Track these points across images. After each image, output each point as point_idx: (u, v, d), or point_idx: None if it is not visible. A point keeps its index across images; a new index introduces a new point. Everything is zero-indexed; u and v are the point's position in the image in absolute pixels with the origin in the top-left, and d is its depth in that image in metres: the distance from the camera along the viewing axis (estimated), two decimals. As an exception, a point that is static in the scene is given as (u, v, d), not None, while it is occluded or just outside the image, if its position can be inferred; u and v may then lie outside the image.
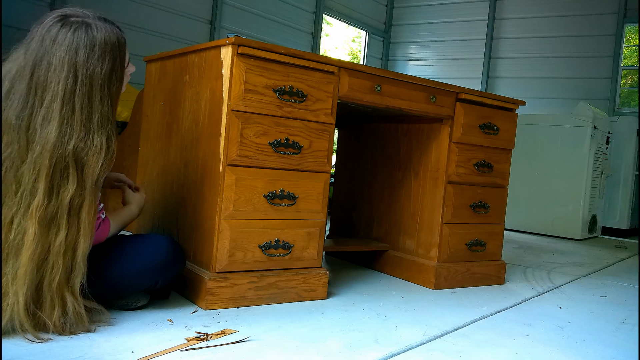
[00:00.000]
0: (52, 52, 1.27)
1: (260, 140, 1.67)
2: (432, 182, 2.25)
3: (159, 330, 1.40)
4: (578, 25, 6.00)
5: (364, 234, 2.58)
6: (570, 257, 3.46)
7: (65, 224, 1.27)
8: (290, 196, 1.75)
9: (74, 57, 1.28)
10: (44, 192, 1.24)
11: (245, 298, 1.69)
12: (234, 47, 1.61)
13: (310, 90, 1.76)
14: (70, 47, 1.28)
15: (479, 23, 6.67)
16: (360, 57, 7.50)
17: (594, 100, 5.71)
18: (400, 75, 2.01)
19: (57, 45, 1.27)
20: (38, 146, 1.25)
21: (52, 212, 1.26)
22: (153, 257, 1.50)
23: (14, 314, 1.24)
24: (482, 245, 2.34)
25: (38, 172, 1.24)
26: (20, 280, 1.23)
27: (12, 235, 1.24)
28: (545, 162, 4.65)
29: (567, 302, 2.16)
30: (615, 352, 1.57)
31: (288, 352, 1.33)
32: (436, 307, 1.91)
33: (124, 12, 4.47)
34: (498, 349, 1.52)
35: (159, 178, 2.01)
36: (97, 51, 1.31)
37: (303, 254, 1.81)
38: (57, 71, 1.27)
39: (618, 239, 4.91)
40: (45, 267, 1.26)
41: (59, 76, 1.27)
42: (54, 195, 1.26)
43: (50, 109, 1.26)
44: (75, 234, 1.29)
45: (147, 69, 2.14)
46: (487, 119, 2.28)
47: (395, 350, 1.41)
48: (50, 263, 1.26)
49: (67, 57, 1.27)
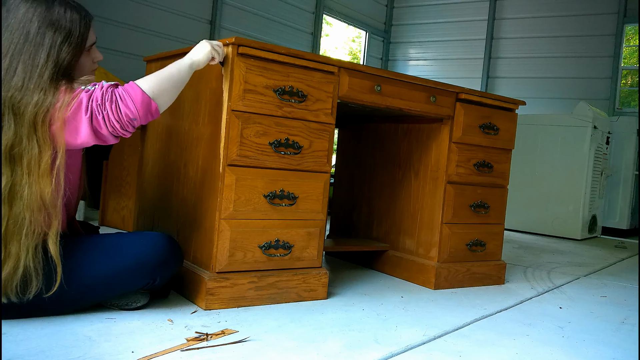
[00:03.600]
0: (12, 16, 1.35)
1: (260, 140, 1.67)
2: (432, 182, 2.25)
3: (159, 330, 1.40)
4: (578, 25, 6.00)
5: (364, 234, 2.58)
6: (570, 257, 3.46)
7: (7, 171, 1.29)
8: (290, 196, 1.75)
9: (29, 20, 1.35)
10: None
11: (245, 298, 1.69)
12: (234, 47, 1.61)
13: (310, 90, 1.76)
14: (28, 11, 1.35)
15: (479, 23, 6.67)
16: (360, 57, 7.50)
17: (594, 100, 5.71)
18: (400, 75, 2.01)
19: (18, 10, 1.35)
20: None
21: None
22: (150, 253, 1.50)
23: None
24: (482, 245, 2.34)
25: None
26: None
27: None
28: (545, 162, 4.65)
29: (567, 302, 2.16)
30: (615, 352, 1.57)
31: (288, 352, 1.33)
32: (436, 307, 1.91)
33: (124, 12, 4.47)
34: (498, 349, 1.52)
35: (159, 178, 2.01)
36: (53, 18, 1.37)
37: (303, 254, 1.81)
38: (12, 32, 1.34)
39: (618, 239, 4.91)
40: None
41: (12, 36, 1.34)
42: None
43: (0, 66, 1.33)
44: (19, 182, 1.29)
45: (147, 69, 2.14)
46: (487, 119, 2.28)
47: (395, 350, 1.41)
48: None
49: (24, 20, 1.35)
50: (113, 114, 1.34)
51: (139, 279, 1.49)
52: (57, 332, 1.32)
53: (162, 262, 1.52)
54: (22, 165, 1.30)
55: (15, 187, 1.29)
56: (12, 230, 1.29)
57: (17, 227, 1.29)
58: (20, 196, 1.29)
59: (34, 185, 1.30)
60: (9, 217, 1.28)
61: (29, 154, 1.30)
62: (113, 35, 4.35)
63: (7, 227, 1.28)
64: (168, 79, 1.45)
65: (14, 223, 1.29)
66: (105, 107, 1.33)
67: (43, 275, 1.33)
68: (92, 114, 1.33)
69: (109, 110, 1.33)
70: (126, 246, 1.49)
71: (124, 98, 1.35)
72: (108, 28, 4.32)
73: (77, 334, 1.32)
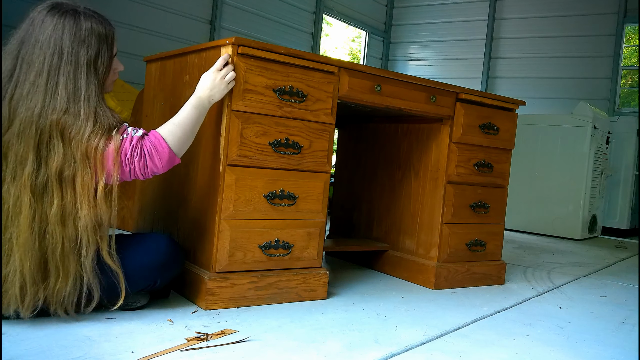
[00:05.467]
0: (40, 31, 1.34)
1: (260, 140, 1.67)
2: (432, 182, 2.25)
3: (159, 330, 1.40)
4: (578, 25, 5.99)
5: (364, 234, 2.58)
6: (570, 257, 3.46)
7: (58, 193, 1.31)
8: (290, 196, 1.75)
9: (60, 37, 1.34)
10: (32, 162, 1.30)
11: (245, 298, 1.69)
12: (234, 47, 1.61)
13: (310, 90, 1.76)
14: (57, 27, 1.34)
15: (479, 23, 6.67)
16: (360, 57, 7.50)
17: (594, 100, 5.71)
18: (400, 75, 2.01)
19: (45, 25, 1.34)
20: (23, 117, 1.30)
21: (42, 182, 1.31)
22: (152, 256, 1.50)
23: (16, 279, 1.29)
24: (482, 245, 2.34)
25: (26, 143, 1.30)
26: (22, 248, 1.28)
27: (11, 202, 1.29)
28: (545, 162, 4.65)
29: (567, 302, 2.16)
30: (615, 352, 1.57)
31: (288, 352, 1.33)
32: (436, 307, 1.91)
33: (124, 12, 4.47)
34: (498, 349, 1.52)
35: (159, 178, 2.01)
36: (83, 35, 1.37)
37: (303, 254, 1.81)
38: (43, 48, 1.33)
39: (618, 239, 4.91)
40: (47, 237, 1.31)
41: (45, 52, 1.33)
42: (42, 165, 1.31)
43: (36, 83, 1.32)
44: (72, 204, 1.33)
45: (147, 69, 2.14)
46: (487, 119, 2.28)
47: (395, 350, 1.41)
48: (50, 232, 1.31)
49: (54, 36, 1.34)
50: (140, 169, 1.41)
51: (140, 281, 1.50)
52: (57, 332, 1.32)
53: (164, 265, 1.52)
54: (75, 188, 1.33)
55: (67, 209, 1.32)
56: (68, 250, 1.33)
57: (75, 247, 1.33)
58: (73, 219, 1.33)
59: (89, 209, 1.33)
60: (64, 237, 1.32)
61: (82, 178, 1.33)
62: (113, 35, 4.34)
63: (63, 247, 1.32)
64: (191, 131, 1.51)
65: (70, 242, 1.33)
66: (133, 162, 1.39)
67: (101, 288, 1.38)
68: (121, 166, 1.38)
69: (136, 165, 1.40)
70: (127, 249, 1.49)
71: (152, 156, 1.41)
72: (108, 28, 4.31)
73: (77, 334, 1.32)
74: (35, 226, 1.30)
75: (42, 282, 1.32)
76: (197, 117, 1.52)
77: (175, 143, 1.45)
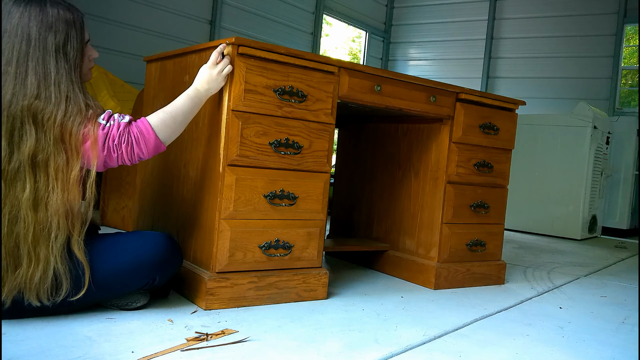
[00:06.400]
0: (7, 21, 1.35)
1: (260, 140, 1.67)
2: (432, 182, 2.25)
3: (159, 330, 1.40)
4: (578, 25, 5.99)
5: (364, 234, 2.58)
6: (570, 257, 3.46)
7: (31, 178, 1.32)
8: (290, 196, 1.75)
9: (27, 24, 1.35)
10: (4, 149, 1.31)
11: (245, 298, 1.69)
12: (234, 47, 1.61)
13: (310, 90, 1.76)
14: (23, 15, 1.35)
15: (479, 23, 6.67)
16: (360, 57, 7.50)
17: (594, 100, 5.71)
18: (400, 75, 2.01)
19: (12, 15, 1.35)
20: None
21: (14, 167, 1.31)
22: (150, 253, 1.50)
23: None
24: (482, 245, 2.34)
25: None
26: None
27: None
28: (545, 162, 4.65)
29: (567, 302, 2.16)
30: (615, 352, 1.57)
31: (288, 352, 1.33)
32: (436, 307, 1.91)
33: (124, 12, 4.47)
34: (498, 349, 1.52)
35: (159, 178, 2.01)
36: (50, 20, 1.37)
37: (303, 254, 1.81)
38: (11, 37, 1.34)
39: (618, 239, 4.91)
40: (19, 222, 1.31)
41: (13, 41, 1.34)
42: (14, 151, 1.32)
43: (7, 72, 1.33)
44: (44, 188, 1.33)
45: (147, 69, 2.14)
46: (487, 119, 2.28)
47: (395, 350, 1.41)
48: (22, 217, 1.31)
49: (21, 24, 1.35)
50: (127, 154, 1.43)
51: (138, 278, 1.49)
52: (57, 332, 1.32)
53: (162, 262, 1.52)
54: (48, 173, 1.33)
55: (40, 193, 1.33)
56: (39, 235, 1.32)
57: (45, 232, 1.33)
58: (45, 203, 1.33)
59: (62, 193, 1.34)
60: (35, 222, 1.32)
61: (56, 162, 1.33)
62: (113, 35, 4.35)
63: (35, 232, 1.32)
64: (183, 121, 1.54)
65: (42, 228, 1.33)
66: (120, 148, 1.41)
67: (71, 277, 1.37)
68: (108, 151, 1.40)
69: (123, 151, 1.42)
70: (125, 246, 1.49)
71: (139, 141, 1.44)
72: (108, 28, 4.32)
73: (77, 334, 1.32)
74: (7, 212, 1.30)
75: (15, 270, 1.32)
76: (191, 108, 1.56)
77: (164, 131, 1.49)
